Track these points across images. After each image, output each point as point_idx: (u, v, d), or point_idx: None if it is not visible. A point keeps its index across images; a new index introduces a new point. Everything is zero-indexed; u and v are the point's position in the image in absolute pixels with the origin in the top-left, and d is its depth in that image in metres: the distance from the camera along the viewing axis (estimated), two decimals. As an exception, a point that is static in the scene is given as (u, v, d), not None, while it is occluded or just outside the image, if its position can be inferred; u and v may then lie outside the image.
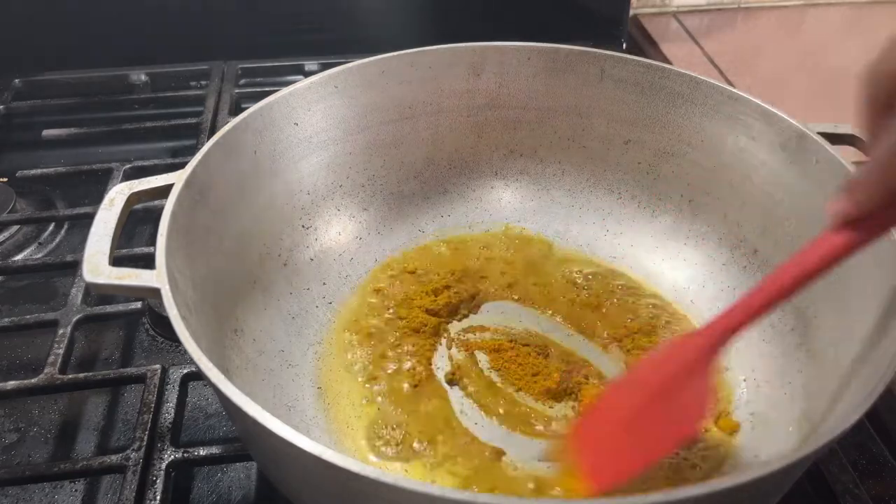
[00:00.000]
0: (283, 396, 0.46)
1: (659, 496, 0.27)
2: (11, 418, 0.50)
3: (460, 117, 0.59)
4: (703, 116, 0.53)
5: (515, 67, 0.57)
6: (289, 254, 0.53)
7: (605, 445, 0.37)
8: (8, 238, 0.63)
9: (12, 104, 0.77)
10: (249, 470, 0.46)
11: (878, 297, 0.39)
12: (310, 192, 0.55)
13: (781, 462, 0.29)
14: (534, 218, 0.60)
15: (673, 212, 0.56)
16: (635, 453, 0.36)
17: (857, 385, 0.37)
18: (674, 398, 0.36)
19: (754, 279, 0.51)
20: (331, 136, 0.55)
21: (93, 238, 0.40)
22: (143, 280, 0.37)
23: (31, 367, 0.53)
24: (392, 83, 0.55)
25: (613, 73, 0.56)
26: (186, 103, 0.78)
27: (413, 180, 0.59)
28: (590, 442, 0.38)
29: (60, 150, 0.74)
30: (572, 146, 0.59)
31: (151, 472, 0.43)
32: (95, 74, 0.80)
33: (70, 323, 0.52)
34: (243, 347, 0.46)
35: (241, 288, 0.48)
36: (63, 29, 0.79)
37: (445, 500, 0.27)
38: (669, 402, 0.36)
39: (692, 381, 0.36)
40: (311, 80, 0.53)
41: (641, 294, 0.54)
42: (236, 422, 0.39)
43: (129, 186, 0.43)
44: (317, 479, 0.33)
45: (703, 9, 1.03)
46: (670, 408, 0.36)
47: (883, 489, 0.44)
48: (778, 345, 0.48)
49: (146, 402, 0.46)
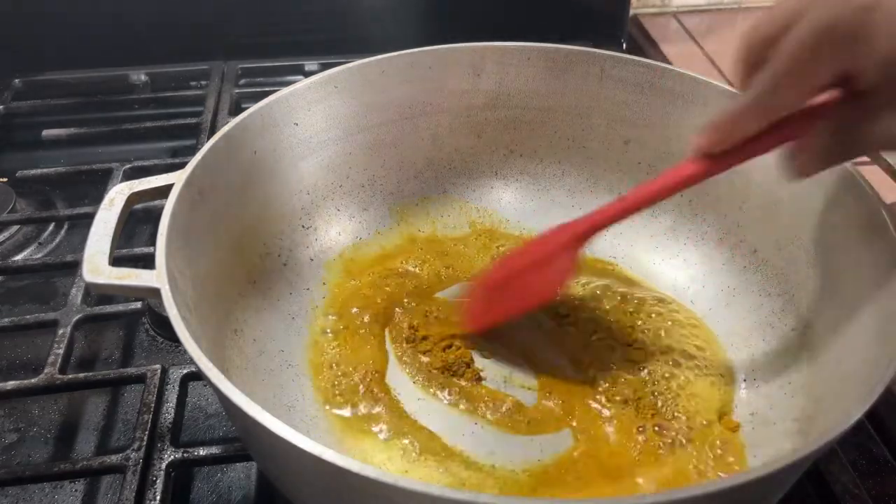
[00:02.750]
0: (283, 396, 0.46)
1: (659, 496, 0.27)
2: (11, 418, 0.50)
3: (460, 117, 0.59)
4: (703, 116, 0.53)
5: (515, 67, 0.57)
6: (289, 254, 0.53)
7: (486, 299, 0.50)
8: (8, 238, 0.63)
9: (12, 104, 0.77)
10: (249, 470, 0.46)
11: (877, 297, 0.39)
12: (310, 192, 0.55)
13: (781, 462, 0.29)
14: (534, 218, 0.60)
15: (673, 212, 0.56)
16: (506, 306, 0.49)
17: (857, 385, 0.37)
18: (541, 270, 0.48)
19: (754, 279, 0.51)
20: (331, 136, 0.55)
21: (93, 238, 0.40)
22: (143, 280, 0.37)
23: (31, 367, 0.53)
24: (392, 83, 0.55)
25: (613, 73, 0.56)
26: (186, 103, 0.78)
27: (413, 180, 0.59)
28: (476, 297, 0.51)
29: (60, 150, 0.74)
30: (572, 146, 0.59)
31: (151, 472, 0.43)
32: (95, 74, 0.80)
33: (70, 323, 0.52)
34: (243, 347, 0.46)
35: (241, 288, 0.48)
36: (63, 29, 0.79)
37: (445, 499, 0.27)
38: (538, 272, 0.48)
39: (558, 260, 0.47)
40: (311, 80, 0.53)
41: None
42: (236, 422, 0.39)
43: (129, 186, 0.43)
44: (317, 479, 0.33)
45: (703, 9, 1.03)
46: (538, 277, 0.48)
47: (883, 489, 0.44)
48: (778, 345, 0.48)
49: (146, 402, 0.46)
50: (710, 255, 0.54)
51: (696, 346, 0.50)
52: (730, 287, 0.52)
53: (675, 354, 0.49)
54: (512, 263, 0.51)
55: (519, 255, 0.51)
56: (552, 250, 0.47)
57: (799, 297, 0.47)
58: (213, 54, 0.82)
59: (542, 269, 0.48)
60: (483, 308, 0.50)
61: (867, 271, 0.41)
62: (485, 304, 0.51)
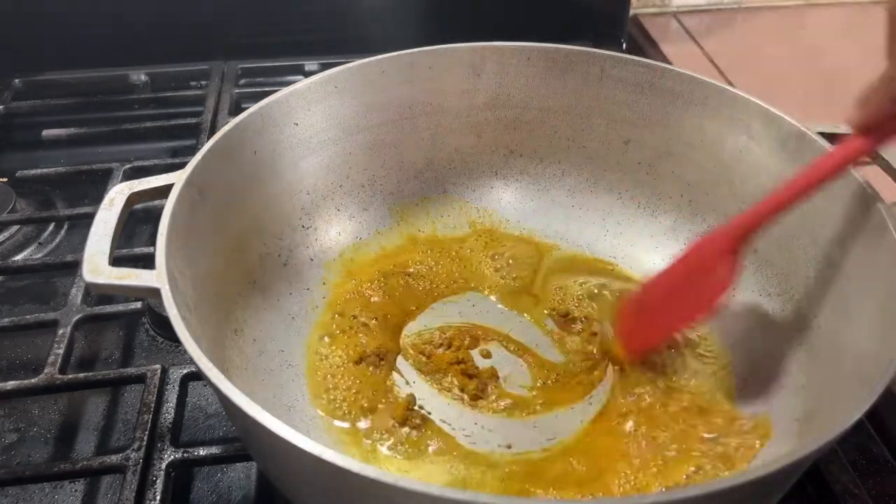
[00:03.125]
0: (283, 396, 0.46)
1: (659, 496, 0.27)
2: (11, 418, 0.50)
3: (460, 117, 0.59)
4: (703, 116, 0.53)
5: (515, 67, 0.57)
6: (289, 254, 0.53)
7: (639, 323, 0.48)
8: (8, 238, 0.63)
9: (12, 104, 0.77)
10: (249, 470, 0.46)
11: (878, 297, 0.39)
12: (310, 192, 0.55)
13: (781, 462, 0.29)
14: (534, 218, 0.60)
15: (673, 212, 0.56)
16: (662, 327, 0.47)
17: (857, 385, 0.37)
18: (695, 285, 0.45)
19: (754, 279, 0.51)
20: (331, 136, 0.55)
21: (93, 238, 0.40)
22: (143, 280, 0.37)
23: (31, 367, 0.53)
24: (392, 83, 0.55)
25: (613, 73, 0.56)
26: (186, 103, 0.78)
27: (413, 180, 0.59)
28: (627, 321, 0.49)
29: (60, 150, 0.74)
30: (572, 146, 0.59)
31: (151, 473, 0.43)
32: (95, 74, 0.80)
33: (70, 323, 0.52)
34: (243, 347, 0.46)
35: (241, 288, 0.48)
36: (63, 29, 0.79)
37: (445, 499, 0.27)
38: (691, 288, 0.45)
39: (712, 272, 0.44)
40: (311, 80, 0.53)
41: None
42: (236, 422, 0.39)
43: (129, 186, 0.43)
44: (317, 479, 0.33)
45: (703, 9, 1.03)
46: (692, 292, 0.45)
47: (883, 489, 0.44)
48: (778, 345, 0.48)
49: (146, 402, 0.46)
50: (710, 255, 0.54)
51: (696, 346, 0.50)
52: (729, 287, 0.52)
53: (675, 354, 0.49)
54: (665, 279, 0.48)
55: (672, 270, 0.48)
56: (708, 259, 0.44)
57: (799, 297, 0.47)
58: (213, 54, 0.82)
59: (698, 280, 0.45)
60: (638, 329, 0.48)
61: (867, 271, 0.41)
62: (640, 324, 0.48)
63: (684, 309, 0.46)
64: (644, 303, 0.49)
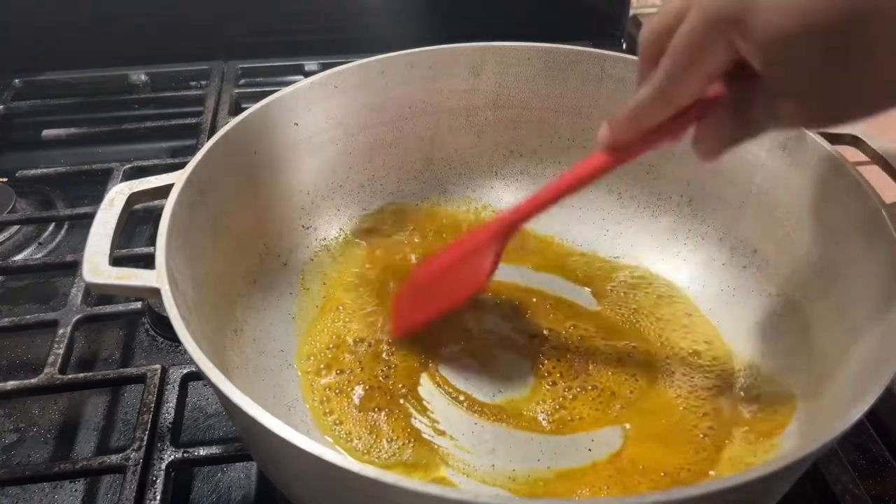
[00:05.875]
0: (283, 396, 0.46)
1: (659, 496, 0.27)
2: (11, 418, 0.50)
3: (460, 117, 0.59)
4: (703, 116, 0.53)
5: (515, 67, 0.57)
6: (289, 254, 0.53)
7: (411, 302, 0.50)
8: (8, 238, 0.63)
9: (12, 104, 0.77)
10: (249, 470, 0.46)
11: (877, 297, 0.39)
12: (310, 192, 0.55)
13: (781, 462, 0.29)
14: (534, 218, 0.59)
15: (673, 212, 0.56)
16: (431, 307, 0.49)
17: (858, 385, 0.37)
18: (462, 270, 0.48)
19: (754, 279, 0.51)
20: (331, 136, 0.55)
21: (93, 238, 0.40)
22: (143, 280, 0.37)
23: (31, 367, 0.53)
24: (392, 83, 0.55)
25: (613, 73, 0.56)
26: (186, 103, 0.78)
27: (413, 180, 0.59)
28: (400, 304, 0.51)
29: (60, 150, 0.74)
30: (572, 146, 0.59)
31: (151, 472, 0.43)
32: (95, 74, 0.80)
33: (70, 323, 0.52)
34: (243, 347, 0.46)
35: (241, 288, 0.48)
36: (63, 29, 0.79)
37: (445, 499, 0.27)
38: (459, 272, 0.48)
39: (479, 259, 0.46)
40: (311, 80, 0.53)
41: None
42: (236, 422, 0.39)
43: (129, 186, 0.43)
44: (317, 479, 0.33)
45: (703, 9, 1.03)
46: (459, 276, 0.48)
47: (883, 489, 0.44)
48: (778, 345, 0.47)
49: (146, 402, 0.46)
50: (710, 254, 0.54)
51: (695, 345, 0.50)
52: (730, 287, 0.52)
53: (675, 353, 0.49)
54: (439, 262, 0.51)
55: (447, 254, 0.51)
56: (481, 245, 0.47)
57: (799, 297, 0.47)
58: (213, 54, 0.82)
59: (468, 264, 0.48)
60: (408, 312, 0.50)
61: (867, 271, 0.41)
62: (410, 307, 0.50)
63: (454, 290, 0.48)
64: (417, 284, 0.51)
